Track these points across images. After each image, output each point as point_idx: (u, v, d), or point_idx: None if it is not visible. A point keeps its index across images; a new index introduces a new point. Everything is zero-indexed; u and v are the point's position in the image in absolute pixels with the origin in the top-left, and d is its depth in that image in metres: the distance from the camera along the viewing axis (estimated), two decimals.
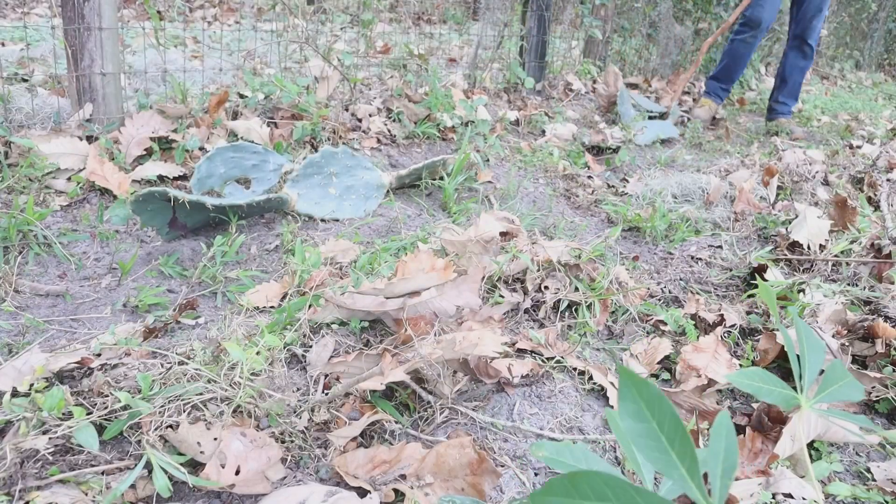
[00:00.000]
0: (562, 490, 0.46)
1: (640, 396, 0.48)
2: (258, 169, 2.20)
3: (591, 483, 0.46)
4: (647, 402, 0.48)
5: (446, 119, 2.96)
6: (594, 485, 0.46)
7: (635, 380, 0.48)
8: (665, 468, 0.47)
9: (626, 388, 0.48)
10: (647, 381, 0.48)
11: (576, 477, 0.46)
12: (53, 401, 1.11)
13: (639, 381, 0.48)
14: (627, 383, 0.48)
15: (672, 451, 0.47)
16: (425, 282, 1.50)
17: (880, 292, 1.77)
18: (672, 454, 0.47)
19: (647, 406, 0.48)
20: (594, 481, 0.46)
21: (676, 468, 0.47)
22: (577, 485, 0.46)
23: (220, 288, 1.71)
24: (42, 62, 3.24)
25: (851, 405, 1.43)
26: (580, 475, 0.46)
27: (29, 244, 1.78)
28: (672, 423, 0.47)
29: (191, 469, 1.10)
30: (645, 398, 0.48)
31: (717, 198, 2.59)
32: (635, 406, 0.48)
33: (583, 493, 0.46)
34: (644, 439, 0.48)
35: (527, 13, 3.75)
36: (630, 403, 0.48)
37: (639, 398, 0.48)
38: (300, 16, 3.32)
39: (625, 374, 0.48)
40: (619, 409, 0.48)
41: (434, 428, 1.27)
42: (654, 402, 0.48)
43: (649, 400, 0.48)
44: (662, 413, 0.47)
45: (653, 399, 0.48)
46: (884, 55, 8.48)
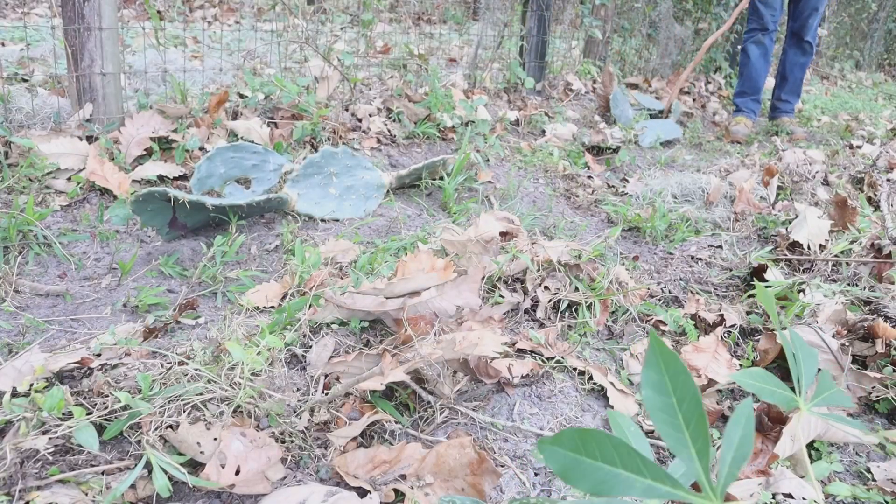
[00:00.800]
0: (571, 443, 0.46)
1: (666, 369, 0.47)
2: (258, 169, 2.20)
3: (600, 443, 0.46)
4: (672, 375, 0.47)
5: (446, 119, 2.96)
6: (603, 446, 0.46)
7: (664, 350, 0.47)
8: (676, 445, 0.46)
9: (652, 357, 0.47)
10: (675, 354, 0.47)
11: (587, 434, 0.46)
12: (53, 401, 1.11)
13: (667, 353, 0.47)
14: (655, 352, 0.47)
15: (687, 429, 0.46)
16: (425, 282, 1.50)
17: (880, 292, 1.77)
18: (686, 432, 0.46)
19: (671, 380, 0.47)
20: (604, 442, 0.46)
21: (687, 447, 0.46)
22: (587, 442, 0.46)
23: (220, 288, 1.71)
24: (42, 62, 3.24)
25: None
26: (591, 433, 0.46)
27: (29, 244, 1.78)
28: (692, 402, 0.46)
29: (191, 469, 1.10)
30: (670, 372, 0.47)
31: (717, 198, 2.59)
32: (659, 377, 0.47)
33: (590, 451, 0.46)
34: (661, 413, 0.47)
35: (527, 13, 3.75)
36: (654, 374, 0.47)
37: (664, 370, 0.47)
38: (300, 16, 3.32)
39: (655, 342, 0.47)
40: (643, 377, 0.47)
41: (434, 428, 1.27)
42: (678, 377, 0.47)
43: (674, 374, 0.47)
44: (685, 390, 0.47)
45: (678, 374, 0.47)
46: (884, 55, 8.48)
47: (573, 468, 0.46)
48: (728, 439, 0.50)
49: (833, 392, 0.58)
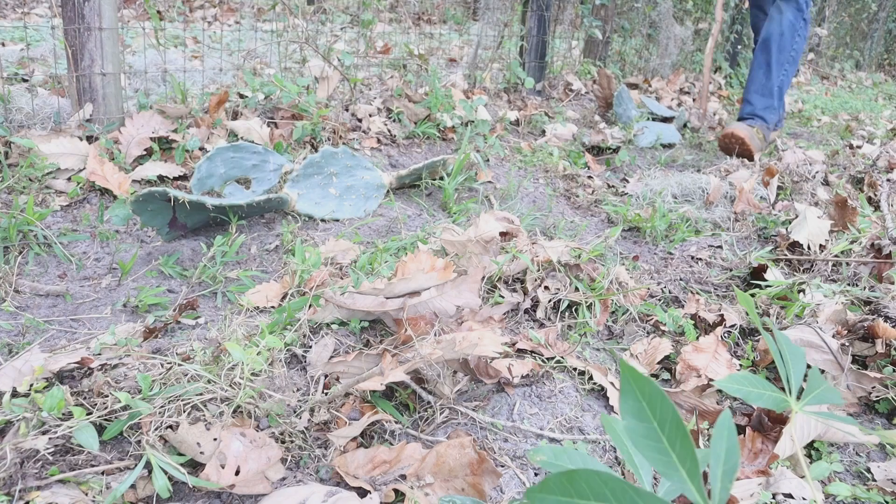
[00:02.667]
0: (559, 488, 0.45)
1: (642, 395, 0.47)
2: (258, 169, 2.20)
3: (589, 482, 0.45)
4: (649, 400, 0.47)
5: (446, 119, 2.96)
6: (592, 484, 0.45)
7: (637, 377, 0.47)
8: (665, 469, 0.46)
9: (627, 386, 0.48)
10: (649, 378, 0.47)
11: (574, 475, 0.45)
12: (53, 401, 1.11)
13: (640, 379, 0.47)
14: (629, 381, 0.47)
15: (673, 452, 0.46)
16: (425, 282, 1.50)
17: (880, 292, 1.77)
18: (673, 455, 0.46)
19: (649, 405, 0.47)
20: (592, 480, 0.45)
21: (677, 470, 0.46)
22: (575, 483, 0.45)
23: (220, 288, 1.71)
24: (42, 62, 3.24)
25: (851, 405, 1.43)
26: (578, 473, 0.45)
27: (29, 244, 1.78)
28: (673, 424, 0.46)
29: (191, 469, 1.10)
30: (647, 397, 0.47)
31: (717, 198, 2.59)
32: (637, 405, 0.47)
33: (580, 492, 0.45)
34: (645, 439, 0.47)
35: (527, 13, 3.75)
36: (631, 401, 0.47)
37: (640, 397, 0.47)
38: (300, 16, 3.33)
39: (626, 370, 0.47)
40: (621, 406, 0.48)
41: (434, 428, 1.27)
42: (655, 401, 0.47)
43: (651, 399, 0.47)
44: (664, 413, 0.47)
45: (654, 398, 0.47)
46: (884, 55, 8.48)
47: None
48: (715, 454, 0.50)
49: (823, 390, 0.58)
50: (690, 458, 0.46)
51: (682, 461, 0.46)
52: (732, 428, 0.50)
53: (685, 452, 0.46)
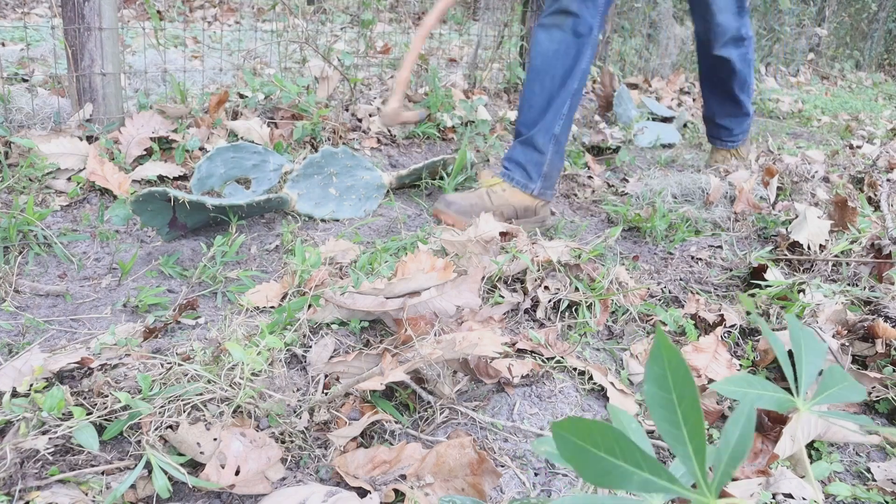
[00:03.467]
0: (579, 432, 0.48)
1: (669, 365, 0.48)
2: (258, 169, 2.20)
3: (604, 435, 0.47)
4: (674, 372, 0.48)
5: (446, 119, 2.96)
6: (607, 438, 0.47)
7: (668, 347, 0.48)
8: (674, 442, 0.48)
9: (657, 353, 0.49)
10: (680, 352, 0.49)
11: (593, 425, 0.48)
12: (53, 401, 1.11)
13: (671, 350, 0.48)
14: (660, 348, 0.48)
15: (685, 426, 0.48)
16: (425, 282, 1.50)
17: (880, 292, 1.77)
18: (683, 429, 0.48)
19: (673, 376, 0.48)
20: (608, 434, 0.48)
21: (685, 444, 0.47)
22: (593, 433, 0.48)
23: (220, 288, 1.71)
24: (42, 62, 3.24)
25: (851, 405, 1.43)
26: (597, 425, 0.48)
27: (29, 244, 1.78)
28: (691, 400, 0.48)
29: (191, 469, 1.10)
30: (673, 368, 0.48)
31: (717, 198, 2.59)
32: (661, 373, 0.49)
33: (595, 441, 0.48)
34: (662, 409, 0.48)
35: (527, 13, 3.75)
36: (657, 369, 0.49)
37: (666, 366, 0.49)
38: (300, 16, 3.33)
39: (661, 338, 0.48)
40: (647, 371, 0.49)
41: (434, 428, 1.27)
42: (679, 375, 0.48)
43: (676, 371, 0.48)
44: (685, 388, 0.48)
45: (679, 371, 0.48)
46: (884, 55, 8.48)
47: (579, 456, 0.48)
48: (726, 437, 0.51)
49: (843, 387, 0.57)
50: (699, 436, 0.47)
51: (691, 437, 0.48)
52: (752, 415, 0.51)
53: (696, 429, 0.47)
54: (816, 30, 7.06)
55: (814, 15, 7.10)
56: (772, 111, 4.96)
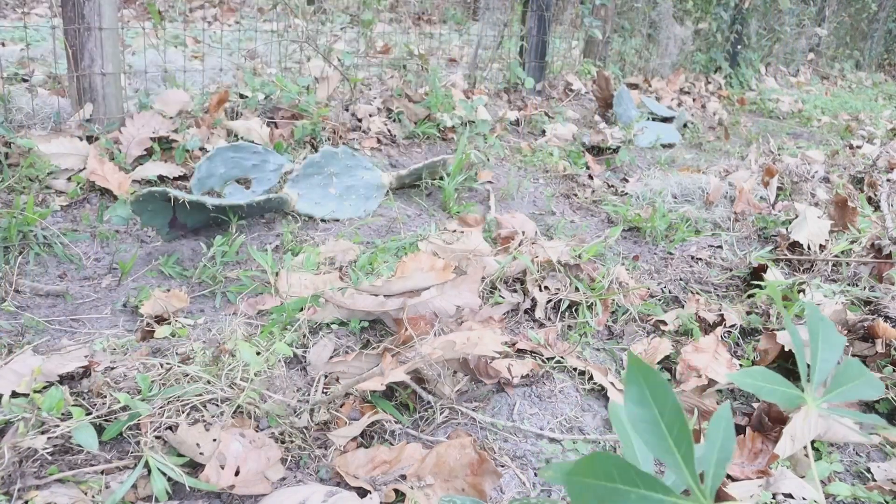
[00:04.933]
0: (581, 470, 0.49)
1: (646, 383, 0.50)
2: (258, 169, 2.20)
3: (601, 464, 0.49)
4: (652, 388, 0.50)
5: (446, 119, 2.96)
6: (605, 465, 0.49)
7: (642, 367, 0.50)
8: (662, 453, 0.49)
9: (632, 374, 0.51)
10: (654, 369, 0.50)
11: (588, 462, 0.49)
12: (53, 401, 1.11)
13: (645, 368, 0.50)
14: (634, 369, 0.50)
15: (670, 437, 0.49)
16: (423, 281, 1.50)
17: (880, 292, 1.77)
18: (669, 440, 0.49)
19: (651, 393, 0.50)
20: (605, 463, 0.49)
21: (673, 454, 0.49)
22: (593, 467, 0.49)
23: (220, 288, 1.71)
24: (42, 62, 3.24)
25: (851, 405, 1.43)
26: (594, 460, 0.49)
27: (29, 244, 1.78)
28: (672, 411, 0.49)
29: (191, 469, 1.10)
30: (650, 385, 0.50)
31: (717, 198, 2.59)
32: (640, 391, 0.50)
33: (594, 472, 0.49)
34: (644, 423, 0.50)
35: (527, 13, 3.75)
36: (635, 389, 0.51)
37: (644, 384, 0.50)
38: (300, 16, 3.32)
39: (633, 360, 0.50)
40: (625, 393, 0.51)
41: (434, 428, 1.27)
42: (657, 390, 0.50)
43: (653, 387, 0.50)
44: (665, 400, 0.50)
45: (657, 386, 0.50)
46: (884, 55, 8.48)
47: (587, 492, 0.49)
48: (710, 442, 0.53)
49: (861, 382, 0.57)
50: (686, 444, 0.49)
51: (678, 445, 0.49)
52: (729, 419, 0.53)
53: (682, 437, 0.49)
54: (816, 30, 7.06)
55: (814, 15, 7.10)
56: (772, 111, 4.96)
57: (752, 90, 5.63)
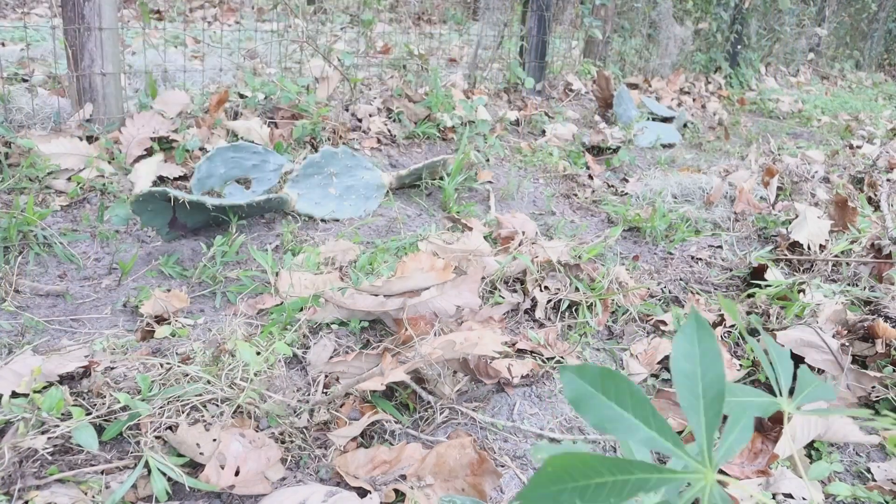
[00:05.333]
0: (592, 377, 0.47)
1: (698, 341, 0.49)
2: (258, 169, 2.20)
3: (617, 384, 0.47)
4: (703, 349, 0.49)
5: (446, 119, 2.96)
6: (619, 387, 0.47)
7: (701, 323, 0.49)
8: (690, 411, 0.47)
9: (688, 328, 0.50)
10: (713, 332, 0.49)
11: (607, 374, 0.47)
12: (52, 401, 1.11)
13: (703, 327, 0.49)
14: (692, 325, 0.49)
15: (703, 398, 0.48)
16: (423, 281, 1.50)
17: (880, 292, 1.77)
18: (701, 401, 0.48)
19: (701, 352, 0.49)
20: (621, 384, 0.47)
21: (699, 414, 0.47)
22: (606, 380, 0.47)
23: (220, 288, 1.71)
24: (42, 62, 3.24)
25: (851, 405, 1.43)
26: (613, 374, 0.47)
27: (29, 244, 1.78)
28: (714, 376, 0.48)
29: (191, 469, 1.10)
30: (702, 344, 0.49)
31: (717, 198, 2.59)
32: (690, 348, 0.49)
33: (607, 389, 0.47)
34: (684, 378, 0.48)
35: (527, 13, 3.75)
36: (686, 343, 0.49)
37: (696, 342, 0.49)
38: (300, 16, 3.32)
39: (695, 316, 0.49)
40: (674, 344, 0.49)
41: (434, 428, 1.27)
42: (708, 352, 0.48)
43: (705, 348, 0.49)
44: (711, 364, 0.48)
45: (709, 348, 0.49)
46: (884, 55, 8.48)
47: (586, 399, 0.47)
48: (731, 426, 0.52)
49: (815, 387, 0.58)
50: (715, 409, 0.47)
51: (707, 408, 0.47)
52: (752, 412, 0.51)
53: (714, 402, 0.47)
54: (816, 30, 7.06)
55: (814, 15, 7.10)
56: (772, 111, 4.96)
57: (752, 90, 5.63)
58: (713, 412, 0.47)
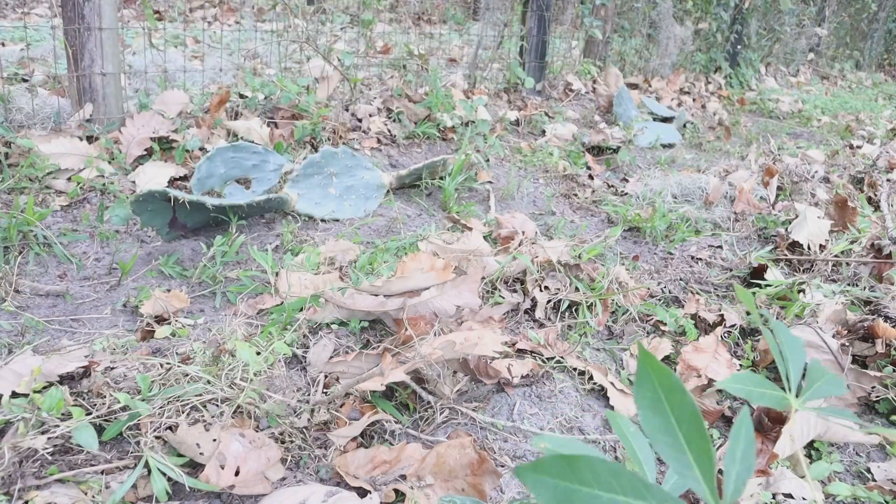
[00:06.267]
0: (556, 470, 0.42)
1: (660, 386, 0.45)
2: (258, 169, 2.20)
3: (594, 469, 0.42)
4: (667, 392, 0.44)
5: (446, 119, 2.96)
6: (598, 472, 0.42)
7: (655, 367, 0.45)
8: (679, 466, 0.44)
9: (644, 375, 0.45)
10: (668, 369, 0.45)
11: (575, 460, 0.42)
12: (52, 401, 1.11)
13: (659, 368, 0.45)
14: (646, 369, 0.45)
15: (689, 449, 0.44)
16: (423, 281, 1.50)
17: (880, 292, 1.77)
18: (688, 453, 0.44)
19: (667, 397, 0.45)
20: (598, 468, 0.42)
21: (691, 468, 0.44)
22: (576, 468, 0.42)
23: (220, 288, 1.71)
24: (42, 62, 3.24)
25: (851, 405, 1.43)
26: (581, 459, 0.42)
27: (29, 244, 1.78)
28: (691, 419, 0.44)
29: (191, 469, 1.10)
30: (665, 388, 0.44)
31: (717, 198, 2.59)
32: (653, 395, 0.45)
33: (583, 478, 0.42)
34: (660, 434, 0.44)
35: (527, 13, 3.75)
36: (648, 392, 0.45)
37: (658, 387, 0.45)
38: (300, 16, 3.32)
39: (645, 358, 0.44)
40: (636, 396, 0.45)
41: (434, 428, 1.27)
42: (673, 394, 0.44)
43: (669, 391, 0.44)
44: (682, 407, 0.44)
45: (673, 390, 0.44)
46: (884, 55, 8.48)
47: (566, 499, 0.42)
48: (731, 454, 0.48)
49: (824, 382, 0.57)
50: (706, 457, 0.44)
51: (697, 460, 0.44)
52: (750, 427, 0.48)
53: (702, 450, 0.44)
54: (816, 30, 7.06)
55: (814, 15, 7.09)
56: (772, 111, 4.96)
57: (752, 90, 5.63)
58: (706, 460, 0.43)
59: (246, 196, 2.14)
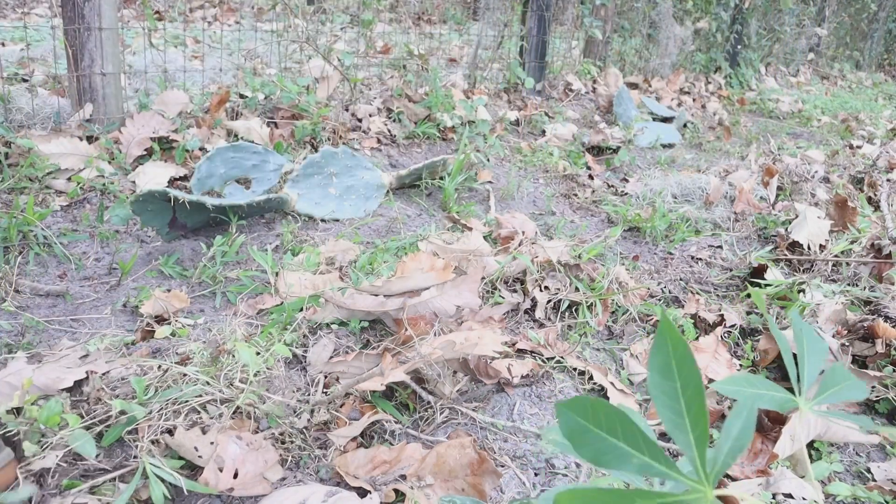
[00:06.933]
0: (582, 410, 0.47)
1: (674, 354, 0.48)
2: (258, 169, 2.20)
3: (607, 415, 0.47)
4: (679, 361, 0.48)
5: (446, 119, 2.96)
6: (609, 418, 0.47)
7: (674, 336, 0.48)
8: (675, 430, 0.48)
9: (661, 341, 0.48)
10: (684, 339, 0.48)
11: (598, 404, 0.47)
12: (51, 413, 1.10)
13: (676, 339, 0.48)
14: (664, 337, 0.48)
15: (687, 415, 0.47)
16: (423, 281, 1.50)
17: (880, 292, 1.77)
18: (686, 418, 0.47)
19: (678, 365, 0.48)
20: (611, 414, 0.47)
21: (686, 433, 0.47)
22: (596, 412, 0.47)
23: (220, 288, 1.71)
24: (42, 62, 3.24)
25: (851, 405, 1.43)
26: (602, 405, 0.47)
27: (29, 244, 1.78)
28: (695, 390, 0.47)
29: (190, 471, 1.10)
30: (678, 357, 0.48)
31: (717, 198, 2.59)
32: (665, 361, 0.48)
33: (597, 421, 0.47)
34: (665, 396, 0.48)
35: (527, 13, 3.75)
36: (662, 357, 0.48)
37: (671, 355, 0.48)
38: (300, 16, 3.32)
39: (665, 325, 0.48)
40: (650, 359, 0.49)
41: (434, 428, 1.27)
42: (684, 363, 0.48)
43: (681, 359, 0.48)
44: (689, 376, 0.47)
45: (684, 360, 0.48)
46: (884, 55, 8.48)
47: (579, 434, 0.47)
48: (727, 430, 0.50)
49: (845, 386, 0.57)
50: (702, 425, 0.47)
51: (693, 426, 0.47)
52: (753, 410, 0.51)
53: (699, 418, 0.47)
54: (816, 30, 7.06)
55: (814, 15, 7.09)
56: (772, 111, 4.96)
57: (752, 90, 5.63)
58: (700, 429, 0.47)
59: (246, 196, 2.14)
